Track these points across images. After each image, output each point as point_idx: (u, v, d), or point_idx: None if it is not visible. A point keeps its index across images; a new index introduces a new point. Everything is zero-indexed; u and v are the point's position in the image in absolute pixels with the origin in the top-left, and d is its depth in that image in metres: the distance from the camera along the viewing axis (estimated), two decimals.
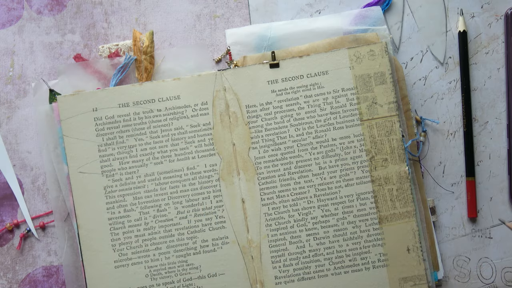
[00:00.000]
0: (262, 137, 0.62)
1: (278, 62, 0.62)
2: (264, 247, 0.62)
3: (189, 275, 0.62)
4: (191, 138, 0.62)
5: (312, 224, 0.62)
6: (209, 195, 0.62)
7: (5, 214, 0.65)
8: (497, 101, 0.65)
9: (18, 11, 0.66)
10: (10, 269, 0.64)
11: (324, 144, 0.62)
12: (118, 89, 0.62)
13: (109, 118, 0.62)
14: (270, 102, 0.62)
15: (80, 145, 0.62)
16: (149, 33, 0.64)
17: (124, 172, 0.62)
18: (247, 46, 0.64)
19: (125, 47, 0.64)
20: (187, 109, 0.62)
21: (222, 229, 0.62)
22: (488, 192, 0.65)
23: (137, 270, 0.61)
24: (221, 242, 0.62)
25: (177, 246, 0.62)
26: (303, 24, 0.64)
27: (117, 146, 0.62)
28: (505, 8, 0.65)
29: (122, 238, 0.61)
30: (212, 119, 0.62)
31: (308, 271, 0.61)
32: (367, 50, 0.62)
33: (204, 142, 0.62)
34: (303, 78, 0.62)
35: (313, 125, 0.62)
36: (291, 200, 0.62)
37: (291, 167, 0.62)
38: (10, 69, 0.66)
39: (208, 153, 0.62)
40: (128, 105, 0.62)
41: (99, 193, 0.62)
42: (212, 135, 0.62)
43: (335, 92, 0.62)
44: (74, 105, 0.62)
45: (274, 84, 0.62)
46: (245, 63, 0.64)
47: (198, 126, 0.62)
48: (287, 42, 0.64)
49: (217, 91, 0.62)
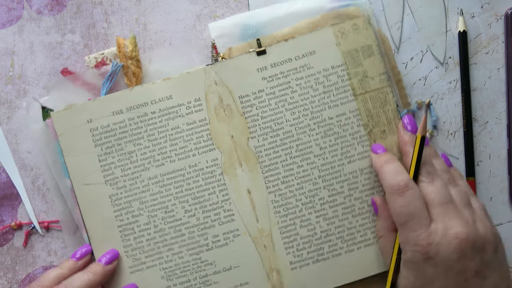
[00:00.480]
0: (259, 125, 0.62)
1: (264, 48, 0.62)
2: (276, 235, 0.62)
3: (204, 271, 0.62)
4: (189, 136, 0.62)
5: (320, 205, 0.62)
6: (214, 190, 0.62)
7: (5, 214, 0.65)
8: (497, 101, 0.65)
9: (18, 11, 0.66)
10: (10, 269, 0.65)
11: (322, 124, 0.62)
12: (109, 97, 0.62)
13: (104, 127, 0.62)
14: (263, 90, 0.62)
15: (80, 158, 0.62)
16: (132, 38, 0.64)
17: (127, 179, 0.62)
18: (231, 37, 0.64)
19: (110, 55, 0.64)
20: (181, 107, 0.62)
21: (232, 222, 0.62)
22: (488, 192, 0.65)
23: (152, 273, 0.62)
24: (232, 235, 0.62)
25: (189, 244, 0.62)
26: (284, 7, 0.64)
27: (116, 154, 0.62)
28: (505, 8, 0.65)
29: (133, 244, 0.62)
30: (207, 114, 0.62)
31: (322, 252, 0.61)
32: (350, 24, 0.62)
33: (202, 139, 0.62)
34: (291, 61, 0.62)
35: (308, 106, 0.62)
36: (296, 184, 0.62)
37: (292, 152, 0.62)
38: (10, 69, 0.66)
39: (208, 148, 0.62)
40: (122, 112, 0.62)
41: (105, 203, 0.62)
42: (210, 130, 0.62)
43: (325, 70, 0.62)
44: (69, 119, 0.62)
45: (264, 71, 0.62)
46: (231, 54, 0.63)
47: (194, 123, 0.62)
48: (270, 28, 0.64)
49: (208, 86, 0.62)
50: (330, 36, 0.62)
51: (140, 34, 0.66)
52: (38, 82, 0.66)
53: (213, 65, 0.63)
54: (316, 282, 0.61)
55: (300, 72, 0.62)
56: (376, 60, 0.62)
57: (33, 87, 0.66)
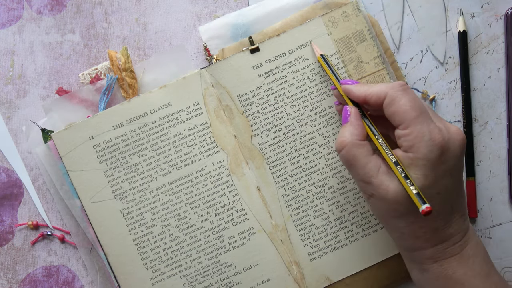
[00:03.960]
0: (261, 122, 0.62)
1: (257, 45, 0.62)
2: (291, 228, 0.62)
3: (225, 274, 0.62)
4: (192, 141, 0.62)
5: (331, 194, 0.62)
6: (224, 191, 0.62)
7: (5, 214, 0.64)
8: (497, 101, 0.65)
9: (18, 11, 0.65)
10: (10, 269, 0.64)
11: (322, 113, 0.62)
12: (108, 111, 0.62)
13: (107, 143, 0.62)
14: (260, 87, 0.62)
15: (86, 176, 0.61)
16: (123, 49, 0.63)
17: (136, 191, 0.62)
18: (223, 38, 0.64)
19: (104, 69, 0.63)
20: (181, 113, 0.62)
21: (245, 221, 0.62)
22: (488, 192, 0.65)
23: (173, 282, 0.61)
24: (248, 234, 0.62)
25: (206, 249, 0.62)
26: (272, 3, 0.64)
27: (122, 167, 0.62)
28: (505, 8, 0.65)
29: (151, 255, 0.61)
30: (208, 117, 0.62)
31: (339, 239, 0.62)
32: (340, 12, 0.62)
33: (206, 142, 0.62)
34: (285, 55, 0.62)
35: (307, 98, 0.62)
36: (304, 176, 0.62)
37: (296, 144, 0.62)
38: (10, 69, 0.65)
39: (213, 151, 0.62)
40: (122, 125, 0.62)
41: (118, 218, 0.61)
42: (212, 133, 0.62)
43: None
44: (70, 139, 0.61)
45: (259, 68, 0.62)
46: (224, 55, 0.63)
47: (195, 127, 0.62)
48: (260, 25, 0.64)
49: (206, 89, 0.62)
50: (321, 26, 0.62)
51: (140, 34, 0.66)
52: (38, 82, 0.65)
53: (207, 67, 0.62)
54: (337, 270, 0.62)
55: (295, 65, 0.62)
56: (368, 44, 0.62)
57: (33, 87, 0.65)
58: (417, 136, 0.50)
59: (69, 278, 0.65)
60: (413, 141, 0.50)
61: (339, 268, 0.62)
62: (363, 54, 0.62)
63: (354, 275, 0.62)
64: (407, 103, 0.51)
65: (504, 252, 0.65)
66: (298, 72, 0.62)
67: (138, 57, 0.65)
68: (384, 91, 0.52)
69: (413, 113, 0.51)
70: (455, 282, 0.53)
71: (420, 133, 0.50)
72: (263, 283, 0.62)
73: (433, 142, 0.50)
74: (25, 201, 0.65)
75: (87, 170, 0.61)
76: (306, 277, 0.62)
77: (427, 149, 0.50)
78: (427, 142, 0.50)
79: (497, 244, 0.65)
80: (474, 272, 0.53)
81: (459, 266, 0.53)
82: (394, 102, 0.52)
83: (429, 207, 0.48)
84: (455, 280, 0.53)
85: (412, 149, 0.51)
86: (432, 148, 0.50)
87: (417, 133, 0.50)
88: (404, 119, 0.51)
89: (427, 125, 0.50)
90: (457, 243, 0.53)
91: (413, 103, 0.51)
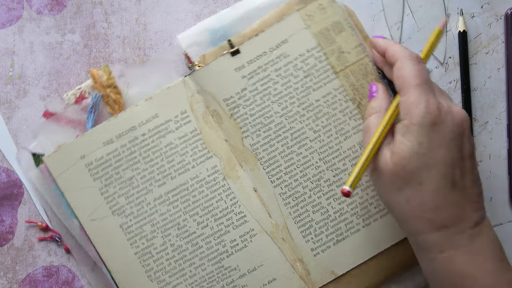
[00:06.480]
0: (250, 123, 0.62)
1: (237, 48, 0.62)
2: (291, 226, 0.62)
3: (230, 278, 0.62)
4: (183, 150, 0.62)
5: (327, 187, 0.62)
6: (221, 196, 0.62)
7: (5, 214, 0.64)
8: (497, 101, 0.65)
9: (18, 11, 0.65)
10: (10, 269, 0.64)
11: (310, 108, 0.62)
12: (96, 129, 0.62)
13: (99, 160, 0.62)
14: (245, 88, 0.62)
15: (82, 195, 0.62)
16: (105, 66, 0.63)
17: (133, 205, 0.62)
18: (202, 44, 0.64)
19: (88, 88, 0.64)
20: (169, 123, 0.62)
21: (245, 223, 0.62)
22: (488, 192, 0.65)
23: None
24: (249, 236, 0.62)
25: (209, 255, 0.62)
26: (247, 4, 0.64)
27: (117, 183, 0.62)
28: (505, 8, 0.65)
29: (155, 267, 0.61)
30: (197, 124, 0.62)
31: (340, 232, 0.62)
32: (315, 5, 0.62)
33: (197, 149, 0.62)
34: (267, 54, 0.62)
35: (293, 94, 0.62)
36: (299, 172, 0.62)
37: (287, 142, 0.62)
38: (10, 69, 0.65)
39: (205, 157, 0.62)
40: (112, 141, 0.62)
41: (118, 233, 0.61)
42: (203, 139, 0.62)
43: (301, 56, 0.62)
44: (62, 160, 0.61)
45: (242, 69, 0.62)
46: (206, 61, 0.63)
47: (186, 135, 0.62)
48: (238, 27, 0.64)
49: (191, 96, 0.62)
50: (298, 22, 0.62)
51: (140, 34, 0.66)
52: (38, 82, 0.65)
53: (190, 75, 0.63)
54: (341, 263, 0.62)
55: (277, 63, 0.62)
56: (348, 34, 0.62)
57: (33, 87, 0.65)
58: (413, 102, 0.52)
59: (69, 278, 0.65)
60: (408, 107, 0.52)
61: (343, 261, 0.62)
62: (344, 45, 0.62)
63: (358, 266, 0.62)
64: (413, 71, 0.53)
65: None
66: (281, 69, 0.62)
67: (138, 57, 0.66)
68: (399, 54, 0.54)
69: (415, 80, 0.52)
70: (464, 277, 0.52)
71: (416, 99, 0.51)
72: (268, 283, 0.62)
73: (427, 110, 0.51)
74: (25, 201, 0.65)
75: (82, 189, 0.62)
76: (311, 273, 0.62)
77: (420, 116, 0.51)
78: (422, 109, 0.51)
79: None
80: (486, 269, 0.52)
81: (469, 261, 0.52)
82: (402, 67, 0.53)
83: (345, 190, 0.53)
84: (464, 275, 0.52)
85: (406, 116, 0.52)
86: (425, 115, 0.51)
87: (413, 100, 0.52)
88: (406, 84, 0.53)
89: (426, 95, 0.52)
90: (465, 232, 0.52)
91: (419, 73, 0.53)
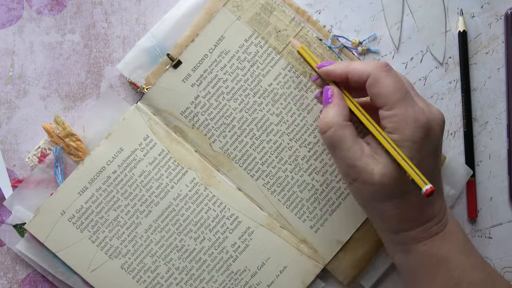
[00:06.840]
0: (213, 127, 0.62)
1: (178, 59, 0.62)
2: (284, 211, 0.62)
3: (243, 280, 0.62)
4: (158, 174, 0.62)
5: (306, 164, 0.62)
6: (208, 206, 0.62)
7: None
8: (497, 101, 0.65)
9: (18, 11, 0.64)
10: (10, 269, 0.64)
11: (265, 94, 0.62)
12: (68, 181, 0.61)
13: (79, 211, 0.61)
14: (198, 96, 0.62)
15: (75, 250, 0.61)
16: (56, 117, 0.62)
17: (127, 243, 0.61)
18: (144, 66, 0.63)
19: (46, 144, 0.63)
20: (136, 153, 0.62)
21: (240, 224, 0.62)
22: (488, 192, 0.65)
23: None
24: (247, 235, 0.62)
25: (215, 266, 0.62)
26: (174, 14, 0.64)
27: (104, 227, 0.61)
28: (505, 8, 0.65)
29: None
30: (162, 145, 0.62)
31: (332, 201, 0.62)
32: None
33: (171, 169, 0.62)
34: (208, 56, 0.62)
35: (245, 86, 0.62)
36: (274, 158, 0.62)
37: (254, 133, 0.62)
38: (10, 69, 0.65)
39: (181, 174, 0.62)
40: (86, 188, 0.61)
41: (121, 275, 0.61)
42: (173, 158, 0.62)
43: (241, 47, 0.62)
44: (44, 223, 0.61)
45: (189, 78, 0.62)
46: (151, 81, 0.63)
47: (155, 160, 0.62)
48: (173, 39, 0.64)
49: (149, 120, 0.62)
50: (228, 15, 0.62)
51: (140, 34, 0.65)
52: (38, 82, 0.65)
53: (141, 100, 0.62)
54: (343, 230, 0.62)
55: (221, 61, 0.62)
56: (279, 12, 0.62)
57: (33, 87, 0.65)
58: (402, 118, 0.51)
59: None
60: (398, 122, 0.51)
61: (343, 228, 0.62)
62: (278, 23, 0.62)
63: (359, 228, 0.62)
64: (391, 84, 0.51)
65: (504, 252, 0.65)
66: (226, 66, 0.62)
67: None
68: (367, 71, 0.52)
69: (397, 94, 0.51)
70: (440, 259, 0.53)
71: (405, 115, 0.51)
72: (281, 273, 0.62)
73: (418, 124, 0.50)
74: None
75: (72, 244, 0.61)
76: (318, 249, 0.62)
77: (412, 131, 0.50)
78: (412, 124, 0.50)
79: (497, 244, 0.65)
80: (458, 248, 0.54)
81: (443, 243, 0.54)
82: (377, 83, 0.51)
83: (432, 188, 0.48)
84: (440, 257, 0.53)
85: (397, 131, 0.51)
86: (417, 129, 0.50)
87: (402, 115, 0.51)
88: (388, 100, 0.51)
89: (411, 107, 0.51)
90: (440, 222, 0.54)
91: (397, 84, 0.51)
